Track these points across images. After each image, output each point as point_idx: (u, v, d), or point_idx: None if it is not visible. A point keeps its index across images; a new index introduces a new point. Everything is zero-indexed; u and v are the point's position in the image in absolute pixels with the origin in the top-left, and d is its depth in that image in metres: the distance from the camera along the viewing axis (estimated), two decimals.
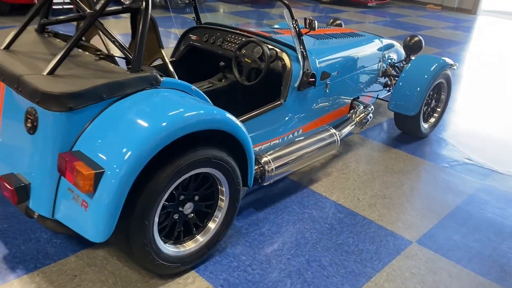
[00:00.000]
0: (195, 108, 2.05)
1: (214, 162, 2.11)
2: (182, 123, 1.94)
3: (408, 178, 3.34)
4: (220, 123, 2.10)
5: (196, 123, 2.00)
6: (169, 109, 1.98)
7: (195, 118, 2.00)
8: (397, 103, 3.76)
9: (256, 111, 2.78)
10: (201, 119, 2.02)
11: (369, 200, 3.01)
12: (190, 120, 1.97)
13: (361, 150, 3.74)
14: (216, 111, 2.11)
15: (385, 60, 4.15)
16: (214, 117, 2.08)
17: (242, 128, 2.21)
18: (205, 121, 2.03)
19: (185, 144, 2.04)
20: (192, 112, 2.01)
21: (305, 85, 3.00)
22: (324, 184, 3.16)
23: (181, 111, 1.99)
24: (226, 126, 2.13)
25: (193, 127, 1.98)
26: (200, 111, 2.05)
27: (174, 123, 1.91)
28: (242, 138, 2.21)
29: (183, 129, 1.94)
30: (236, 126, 2.17)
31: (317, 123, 3.38)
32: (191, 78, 3.59)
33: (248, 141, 2.25)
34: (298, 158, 2.82)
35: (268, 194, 2.97)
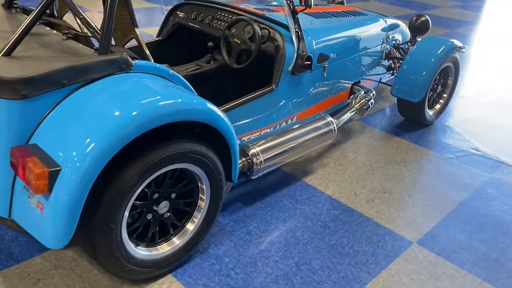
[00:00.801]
0: (170, 96, 1.81)
1: (191, 157, 1.88)
2: (154, 113, 1.70)
3: (410, 170, 3.11)
4: (200, 114, 1.86)
5: (171, 114, 1.76)
6: (139, 96, 1.74)
7: (170, 107, 1.76)
8: (401, 88, 3.50)
9: (244, 98, 2.54)
10: (177, 109, 1.78)
11: (367, 195, 2.78)
12: (164, 110, 1.74)
13: (360, 138, 3.50)
14: (196, 100, 1.87)
15: (389, 42, 3.87)
16: (192, 107, 1.84)
17: (225, 120, 1.97)
18: (182, 111, 1.80)
19: (159, 137, 1.81)
20: (166, 101, 1.77)
21: (300, 69, 2.74)
22: (319, 176, 2.93)
23: (154, 99, 1.75)
24: (207, 118, 1.89)
25: (166, 118, 1.75)
26: (177, 99, 1.81)
27: (144, 113, 1.68)
28: (225, 131, 1.98)
29: (154, 120, 1.71)
30: (218, 118, 1.94)
31: (314, 110, 3.13)
32: (178, 59, 3.33)
33: (232, 134, 2.02)
34: (290, 150, 2.59)
35: (258, 187, 2.75)
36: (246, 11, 2.98)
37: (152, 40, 3.27)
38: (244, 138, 2.62)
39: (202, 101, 1.90)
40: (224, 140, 2.03)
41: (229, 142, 2.02)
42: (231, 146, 2.04)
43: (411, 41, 4.03)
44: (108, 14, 1.80)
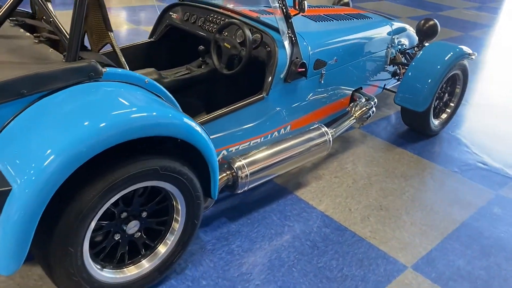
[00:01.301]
0: (142, 107, 1.67)
1: (163, 175, 1.74)
2: (120, 127, 1.56)
3: (411, 184, 2.93)
4: (175, 130, 1.72)
5: (141, 128, 1.61)
6: (106, 107, 1.61)
7: (140, 121, 1.62)
8: (405, 96, 3.32)
9: (232, 106, 2.39)
10: (149, 123, 1.64)
11: (362, 212, 2.61)
12: (133, 123, 1.59)
13: (360, 148, 3.32)
14: (172, 114, 1.72)
15: (395, 46, 3.68)
16: (166, 122, 1.69)
17: (203, 135, 1.82)
18: (154, 125, 1.65)
19: (126, 152, 1.67)
20: (136, 113, 1.63)
21: (293, 76, 2.58)
22: (313, 190, 2.77)
23: (123, 111, 1.61)
24: (182, 134, 1.75)
25: (135, 133, 1.60)
26: (149, 112, 1.66)
27: (109, 126, 1.53)
28: (203, 147, 1.83)
29: (121, 135, 1.56)
30: (196, 134, 1.79)
31: (310, 118, 2.97)
32: (170, 62, 3.20)
33: (210, 151, 1.87)
34: (279, 163, 2.43)
35: (246, 200, 2.60)
36: (239, 13, 2.82)
37: (144, 41, 3.13)
38: (232, 149, 2.47)
39: (178, 115, 1.75)
40: (202, 157, 1.89)
41: (207, 160, 1.88)
42: (209, 163, 1.89)
43: (418, 46, 3.83)
44: (76, 18, 1.66)
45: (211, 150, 1.86)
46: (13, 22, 2.16)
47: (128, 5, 6.93)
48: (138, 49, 3.08)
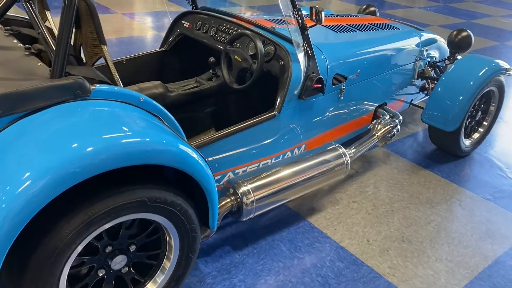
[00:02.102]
0: (134, 131, 1.49)
1: (153, 206, 1.55)
2: (107, 155, 1.39)
3: (437, 213, 2.66)
4: (169, 158, 1.53)
5: (130, 156, 1.44)
6: (90, 131, 1.43)
7: (130, 148, 1.44)
8: (433, 113, 3.05)
9: (240, 125, 2.19)
10: (140, 150, 1.46)
11: (382, 243, 2.37)
12: (121, 150, 1.42)
13: (383, 169, 3.07)
14: (167, 140, 1.54)
15: (424, 59, 3.41)
16: (160, 149, 1.51)
17: (201, 164, 1.63)
18: (145, 153, 1.47)
19: (109, 180, 1.49)
20: (126, 139, 1.45)
21: (308, 93, 2.37)
22: (328, 216, 2.54)
23: (110, 136, 1.43)
24: (178, 163, 1.56)
25: (123, 161, 1.43)
26: (143, 137, 1.48)
27: (93, 154, 1.36)
28: (201, 177, 1.64)
29: (105, 163, 1.39)
30: (192, 163, 1.60)
31: (328, 137, 2.74)
32: (180, 72, 3.03)
33: (209, 181, 1.68)
34: (288, 188, 2.21)
35: (253, 227, 2.39)
36: (253, 23, 2.63)
37: (154, 51, 2.98)
38: (239, 171, 2.28)
39: (174, 141, 1.56)
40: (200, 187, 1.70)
41: (205, 190, 1.69)
42: (207, 194, 1.70)
43: (449, 59, 3.55)
44: (62, 29, 1.50)
45: (209, 180, 1.67)
46: (8, 32, 2.03)
47: (152, 10, 6.85)
48: (148, 59, 2.93)
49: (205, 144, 2.06)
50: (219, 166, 2.18)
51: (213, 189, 1.70)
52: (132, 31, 5.70)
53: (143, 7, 7.03)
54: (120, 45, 5.11)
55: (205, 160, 1.68)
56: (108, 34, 5.45)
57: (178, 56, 3.01)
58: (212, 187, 1.69)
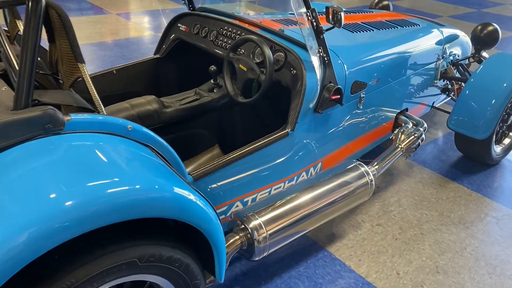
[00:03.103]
0: (120, 178, 1.19)
1: (145, 266, 1.25)
2: (82, 212, 1.09)
3: (473, 235, 2.35)
4: (164, 208, 1.24)
5: (115, 211, 1.14)
6: (61, 179, 1.13)
7: (114, 200, 1.14)
8: (460, 119, 2.73)
9: (248, 148, 1.88)
10: (127, 201, 1.16)
11: (414, 276, 2.06)
12: (102, 204, 1.12)
13: (406, 182, 2.75)
14: (160, 185, 1.24)
15: (446, 57, 3.09)
16: (153, 197, 1.21)
17: (205, 211, 1.33)
18: (134, 206, 1.17)
19: (89, 240, 1.19)
20: (109, 189, 1.15)
21: (326, 105, 2.06)
22: (350, 244, 2.23)
23: (87, 185, 1.13)
24: (176, 213, 1.26)
25: (104, 219, 1.13)
26: (132, 184, 1.19)
27: (63, 213, 1.06)
28: (205, 226, 1.35)
29: (80, 224, 1.09)
30: (195, 210, 1.30)
31: (346, 151, 2.44)
32: (178, 83, 2.72)
33: (216, 231, 1.38)
34: (305, 218, 1.90)
35: (266, 261, 2.09)
36: (258, 25, 2.31)
37: (148, 58, 2.66)
38: (248, 199, 1.97)
39: (169, 184, 1.26)
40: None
41: (212, 242, 1.39)
42: (214, 246, 1.41)
43: (474, 57, 3.22)
44: (26, 46, 1.20)
45: (215, 230, 1.37)
46: None
47: (149, 9, 6.51)
48: (141, 68, 2.62)
49: (208, 173, 1.76)
50: (224, 195, 1.87)
51: (221, 240, 1.40)
52: (129, 32, 5.38)
53: (139, 6, 6.69)
54: (116, 48, 4.80)
55: (210, 203, 1.37)
56: (103, 36, 5.13)
57: (175, 63, 2.69)
58: (219, 238, 1.39)
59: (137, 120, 2.08)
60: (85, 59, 1.45)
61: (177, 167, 1.61)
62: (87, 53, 4.54)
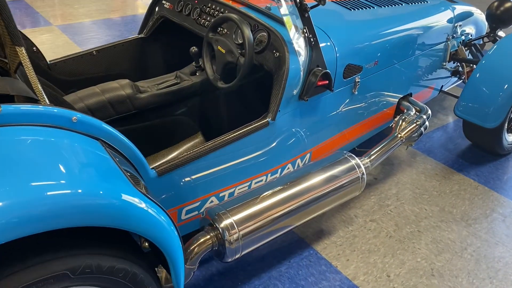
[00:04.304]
0: (60, 180, 1.05)
1: (80, 279, 1.11)
2: (3, 220, 0.95)
3: (475, 234, 2.15)
4: (110, 218, 1.10)
5: (45, 219, 1.01)
6: None
7: (49, 206, 1.00)
8: (469, 106, 2.51)
9: (224, 138, 1.72)
10: (64, 207, 1.02)
11: (406, 279, 1.89)
12: (32, 210, 0.98)
13: (407, 174, 2.56)
14: (105, 190, 1.09)
15: (457, 37, 2.84)
16: (96, 204, 1.06)
17: (159, 220, 1.18)
18: (71, 214, 1.03)
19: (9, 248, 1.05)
20: (44, 192, 1.01)
21: (312, 91, 1.87)
22: (339, 242, 2.07)
23: (17, 188, 0.99)
24: (125, 223, 1.12)
25: (31, 228, 0.99)
26: (74, 189, 1.04)
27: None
28: (159, 239, 1.21)
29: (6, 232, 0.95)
30: (148, 221, 1.16)
31: (340, 140, 2.26)
32: (162, 65, 2.55)
33: (172, 243, 1.24)
34: (284, 216, 1.72)
35: (246, 259, 1.94)
36: (244, 2, 2.11)
37: (132, 38, 2.49)
38: (224, 193, 1.82)
39: (115, 189, 1.11)
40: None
41: (166, 252, 1.24)
42: (169, 258, 1.26)
43: (488, 36, 2.96)
44: None
45: (169, 237, 1.22)
46: None
47: None
48: (124, 49, 2.45)
49: (174, 167, 1.60)
50: (197, 190, 1.72)
51: (176, 250, 1.25)
52: (137, 9, 5.20)
53: None
54: (124, 25, 4.63)
55: (164, 210, 1.22)
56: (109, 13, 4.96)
57: (159, 44, 2.52)
58: (173, 248, 1.24)
59: (108, 107, 1.93)
60: (92, 36, 1.29)
61: (137, 162, 1.46)
62: (94, 29, 4.38)
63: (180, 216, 1.73)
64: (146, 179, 1.52)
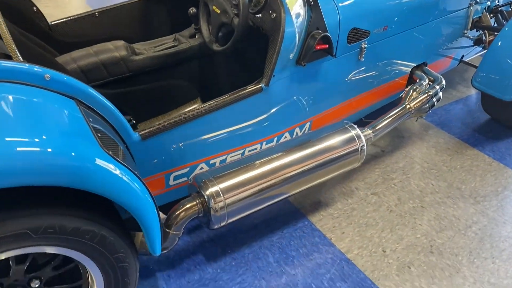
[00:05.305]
0: (30, 137, 1.04)
1: (43, 238, 1.09)
2: None
3: (483, 212, 2.04)
4: (79, 180, 1.08)
5: (9, 175, 0.99)
6: None
7: (14, 162, 0.99)
8: (489, 76, 2.36)
9: (216, 101, 1.66)
10: (31, 165, 1.01)
11: (402, 255, 1.82)
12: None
13: (417, 147, 2.44)
14: (77, 153, 1.06)
15: (482, 2, 2.64)
16: (66, 165, 1.05)
17: (132, 187, 1.16)
18: (39, 172, 1.03)
19: None
20: (12, 148, 1.00)
21: (310, 56, 1.77)
22: (336, 214, 2.00)
23: None
24: (93, 186, 1.10)
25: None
26: (44, 147, 1.03)
27: None
28: (131, 205, 1.18)
29: None
30: (120, 187, 1.13)
31: (344, 110, 2.16)
32: (164, 27, 2.47)
33: (146, 209, 1.21)
34: (272, 186, 1.66)
35: (238, 226, 1.91)
36: None
37: (134, 0, 2.42)
38: (216, 160, 1.77)
39: (87, 151, 1.08)
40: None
41: (138, 218, 1.22)
42: (140, 223, 1.24)
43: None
44: None
45: (142, 204, 1.20)
46: None
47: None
48: (126, 11, 2.39)
49: (160, 130, 1.56)
50: (185, 156, 1.68)
51: (150, 216, 1.24)
52: None
53: None
54: None
55: (138, 176, 1.19)
56: None
57: (162, 6, 2.43)
58: (147, 214, 1.22)
59: (101, 68, 1.89)
60: None
61: (117, 124, 1.42)
62: None
63: (168, 182, 1.69)
64: (129, 142, 1.49)
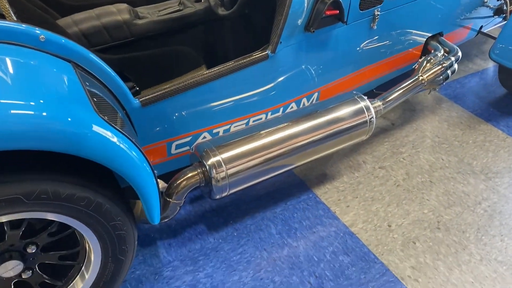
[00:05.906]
0: (24, 100, 1.01)
1: (36, 204, 1.07)
2: None
3: (493, 188, 1.99)
4: (73, 146, 1.05)
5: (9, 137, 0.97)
6: None
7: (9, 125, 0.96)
8: (507, 48, 2.25)
9: (220, 68, 1.60)
10: (25, 128, 0.98)
11: (407, 230, 1.78)
12: None
13: (429, 121, 2.37)
14: (73, 119, 1.03)
15: None
16: (61, 130, 1.02)
17: (129, 155, 1.13)
18: (33, 136, 1.00)
19: None
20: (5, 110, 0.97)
21: (319, 22, 1.69)
22: (342, 188, 1.96)
23: None
24: (89, 153, 1.07)
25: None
26: (38, 111, 1.01)
27: None
28: (129, 173, 1.15)
29: None
30: (116, 154, 1.11)
31: (355, 80, 2.09)
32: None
33: (143, 178, 1.19)
34: (276, 158, 1.62)
35: (241, 197, 1.88)
36: None
37: None
38: (219, 130, 1.73)
39: (83, 117, 1.05)
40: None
41: (136, 187, 1.20)
42: (138, 191, 1.21)
43: None
44: None
45: (139, 173, 1.17)
46: None
47: None
48: None
49: (161, 97, 1.51)
50: (187, 124, 1.64)
51: (149, 185, 1.22)
52: None
53: None
54: None
55: (135, 144, 1.15)
56: None
57: None
58: (144, 183, 1.20)
59: (103, 32, 1.84)
60: None
61: (117, 89, 1.38)
62: None
63: (170, 150, 1.66)
64: (129, 109, 1.45)
